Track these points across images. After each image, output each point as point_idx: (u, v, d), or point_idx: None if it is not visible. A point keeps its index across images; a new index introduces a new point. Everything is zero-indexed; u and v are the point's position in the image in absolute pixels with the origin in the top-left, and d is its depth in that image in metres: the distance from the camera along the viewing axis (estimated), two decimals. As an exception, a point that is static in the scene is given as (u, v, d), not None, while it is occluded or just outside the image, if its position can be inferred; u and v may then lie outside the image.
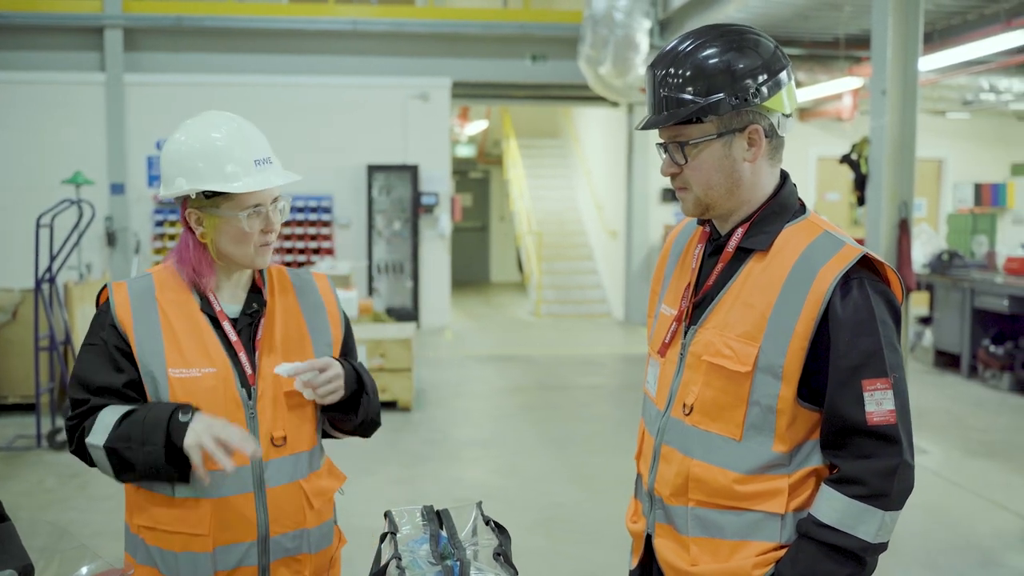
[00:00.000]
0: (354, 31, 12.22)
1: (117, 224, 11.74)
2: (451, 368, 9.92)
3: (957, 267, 9.72)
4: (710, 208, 1.83)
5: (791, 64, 1.81)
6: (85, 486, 5.84)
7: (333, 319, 2.15)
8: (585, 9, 10.63)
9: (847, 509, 1.70)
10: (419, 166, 12.44)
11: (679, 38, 1.81)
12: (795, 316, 1.72)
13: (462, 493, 5.71)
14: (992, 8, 8.98)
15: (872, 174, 6.62)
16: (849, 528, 1.70)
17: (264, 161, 1.98)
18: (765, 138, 1.78)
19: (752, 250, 1.81)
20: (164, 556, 1.96)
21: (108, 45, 11.70)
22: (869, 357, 1.70)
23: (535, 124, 18.98)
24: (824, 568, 1.72)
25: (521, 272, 17.70)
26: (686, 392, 1.84)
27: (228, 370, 1.97)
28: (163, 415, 1.87)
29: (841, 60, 10.47)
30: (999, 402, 8.34)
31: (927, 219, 13.57)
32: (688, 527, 1.84)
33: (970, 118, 13.76)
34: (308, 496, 2.04)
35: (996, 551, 4.86)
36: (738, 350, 1.76)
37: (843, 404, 1.70)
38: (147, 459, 1.86)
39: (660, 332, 1.95)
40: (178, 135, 2.01)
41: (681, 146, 1.78)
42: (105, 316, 2.00)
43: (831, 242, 1.76)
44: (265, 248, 2.01)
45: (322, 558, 2.08)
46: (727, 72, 1.73)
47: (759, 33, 1.80)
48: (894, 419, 1.70)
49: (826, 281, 1.70)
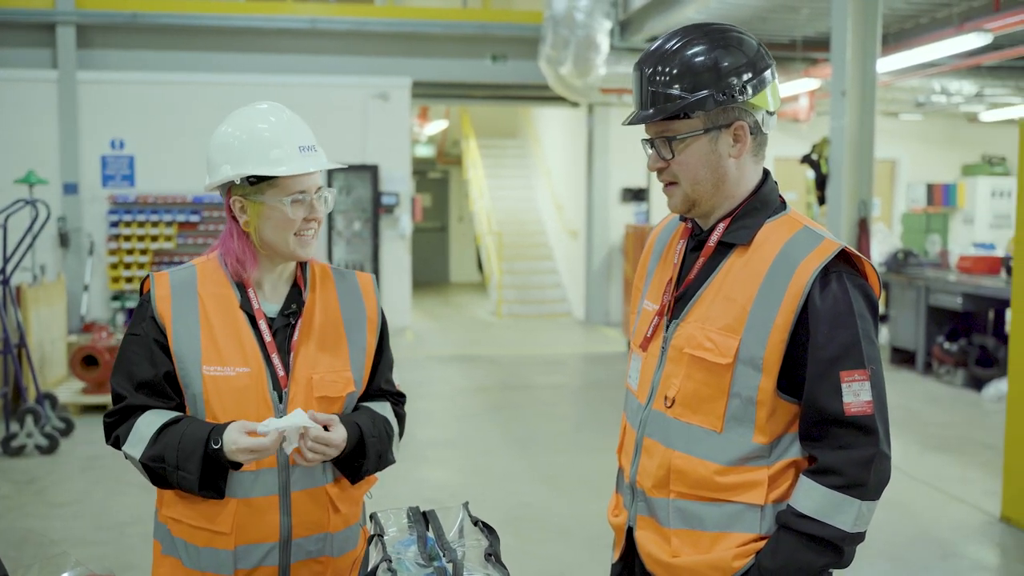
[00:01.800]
0: (313, 29, 12.12)
1: (70, 225, 11.52)
2: (413, 369, 9.88)
3: (912, 266, 9.90)
4: (696, 204, 1.86)
5: (775, 63, 1.85)
6: (42, 492, 5.74)
7: (371, 325, 2.12)
8: (546, 10, 10.64)
9: (825, 499, 1.73)
10: (379, 166, 12.37)
11: (665, 37, 1.85)
12: (775, 309, 1.75)
13: (429, 494, 5.69)
14: (944, 12, 9.16)
15: (832, 174, 6.72)
16: (827, 518, 1.73)
17: (309, 148, 2.00)
18: (750, 135, 1.82)
19: (733, 244, 1.84)
20: (188, 548, 1.97)
21: (61, 42, 11.47)
22: (847, 349, 1.73)
23: (494, 124, 18.97)
24: (803, 558, 1.75)
25: (481, 272, 17.69)
26: (667, 385, 1.86)
27: (261, 371, 1.96)
28: (198, 443, 1.87)
29: (798, 62, 10.61)
30: (953, 398, 8.50)
31: (882, 218, 13.78)
32: (669, 519, 1.86)
33: (922, 120, 14.01)
34: (333, 500, 2.03)
35: (955, 543, 4.96)
36: (719, 342, 1.79)
37: (821, 395, 1.73)
38: (182, 484, 1.89)
39: (642, 327, 1.97)
40: (224, 126, 2.01)
41: (668, 141, 1.81)
42: (146, 308, 2.00)
43: (811, 237, 1.80)
44: (307, 238, 2.00)
45: (345, 561, 2.07)
46: (714, 69, 1.77)
47: (743, 32, 1.84)
48: (871, 410, 1.73)
49: (806, 274, 1.73)
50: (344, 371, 2.04)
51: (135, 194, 11.74)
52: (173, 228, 11.69)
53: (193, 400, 1.95)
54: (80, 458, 6.41)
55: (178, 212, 11.71)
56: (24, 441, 6.50)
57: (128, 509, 5.32)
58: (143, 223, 11.65)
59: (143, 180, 11.80)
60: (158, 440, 1.89)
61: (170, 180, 11.70)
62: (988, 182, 13.52)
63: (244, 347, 1.96)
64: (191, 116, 11.64)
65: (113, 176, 11.76)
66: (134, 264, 11.56)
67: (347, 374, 2.04)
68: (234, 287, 2.01)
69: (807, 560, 1.74)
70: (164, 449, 1.88)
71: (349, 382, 2.04)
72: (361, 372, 2.08)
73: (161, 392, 1.96)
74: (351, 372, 2.05)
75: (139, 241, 11.64)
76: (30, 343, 7.49)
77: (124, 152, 11.78)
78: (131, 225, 11.64)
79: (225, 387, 1.93)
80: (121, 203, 11.71)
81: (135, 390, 1.95)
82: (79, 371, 7.68)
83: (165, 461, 1.88)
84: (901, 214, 12.37)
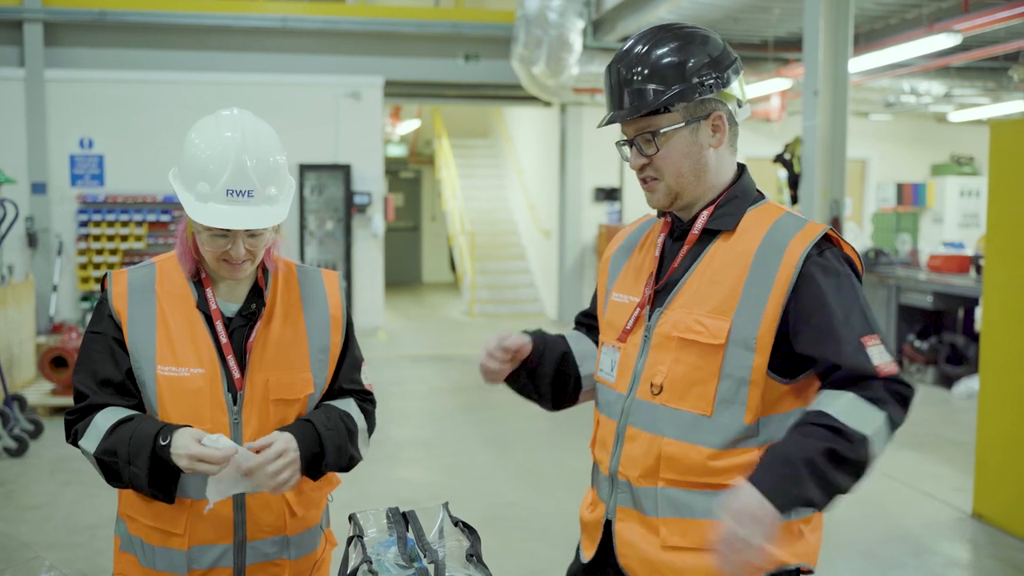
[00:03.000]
0: (284, 28, 12.05)
1: (39, 225, 11.37)
2: (387, 369, 9.84)
3: (883, 264, 9.98)
4: (679, 196, 1.88)
5: (740, 60, 1.91)
6: (11, 495, 5.65)
7: (335, 324, 2.08)
8: (518, 9, 10.64)
9: (851, 403, 1.69)
10: (351, 166, 12.31)
11: (635, 38, 1.89)
12: (768, 287, 1.77)
13: (406, 494, 5.66)
14: (914, 13, 9.25)
15: (805, 173, 6.76)
16: (850, 421, 1.67)
17: (241, 194, 1.83)
18: (727, 125, 1.87)
19: (717, 232, 1.87)
20: (144, 547, 1.95)
21: (28, 39, 11.32)
22: (857, 316, 1.76)
23: (467, 124, 18.94)
24: (807, 454, 1.65)
25: (454, 272, 17.66)
26: (653, 372, 1.86)
27: (216, 372, 1.93)
28: (147, 439, 1.83)
29: (770, 62, 10.67)
30: (924, 395, 8.57)
31: (852, 218, 13.89)
32: (657, 508, 1.84)
33: (892, 120, 14.13)
34: (291, 503, 2.00)
35: (928, 539, 5.00)
36: (710, 325, 1.80)
37: (849, 357, 1.72)
38: (132, 479, 1.86)
39: (619, 319, 1.97)
40: (192, 130, 1.92)
41: (652, 136, 1.83)
42: (104, 306, 1.97)
43: (795, 220, 1.85)
44: (231, 267, 1.92)
45: (304, 563, 2.05)
46: (689, 64, 1.82)
47: (707, 31, 1.90)
48: (897, 368, 1.75)
49: (797, 252, 1.77)
50: (303, 372, 2.00)
51: (104, 194, 11.61)
52: (143, 228, 11.58)
53: (148, 400, 1.93)
54: (50, 460, 6.32)
55: (148, 212, 11.60)
56: (-8, 444, 6.41)
57: (99, 512, 5.25)
58: (112, 223, 11.52)
59: (112, 179, 11.67)
60: (112, 434, 1.86)
61: (140, 179, 11.58)
62: (957, 182, 13.67)
63: (199, 347, 1.93)
64: (161, 115, 11.53)
65: (82, 175, 11.62)
66: (104, 264, 11.43)
67: (306, 375, 2.00)
68: (192, 286, 1.97)
69: (808, 457, 1.64)
70: (117, 443, 1.85)
71: (308, 383, 2.00)
72: (323, 373, 2.04)
73: (124, 390, 1.93)
74: (310, 373, 2.01)
75: (109, 241, 11.51)
76: (-3, 345, 7.39)
77: (93, 151, 11.65)
78: (100, 225, 11.51)
79: (179, 388, 1.90)
80: (90, 203, 11.58)
81: (98, 388, 1.92)
82: (48, 372, 7.58)
83: (117, 455, 1.85)
84: (871, 213, 12.47)
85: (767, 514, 1.61)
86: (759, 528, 1.60)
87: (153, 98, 11.64)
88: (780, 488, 1.63)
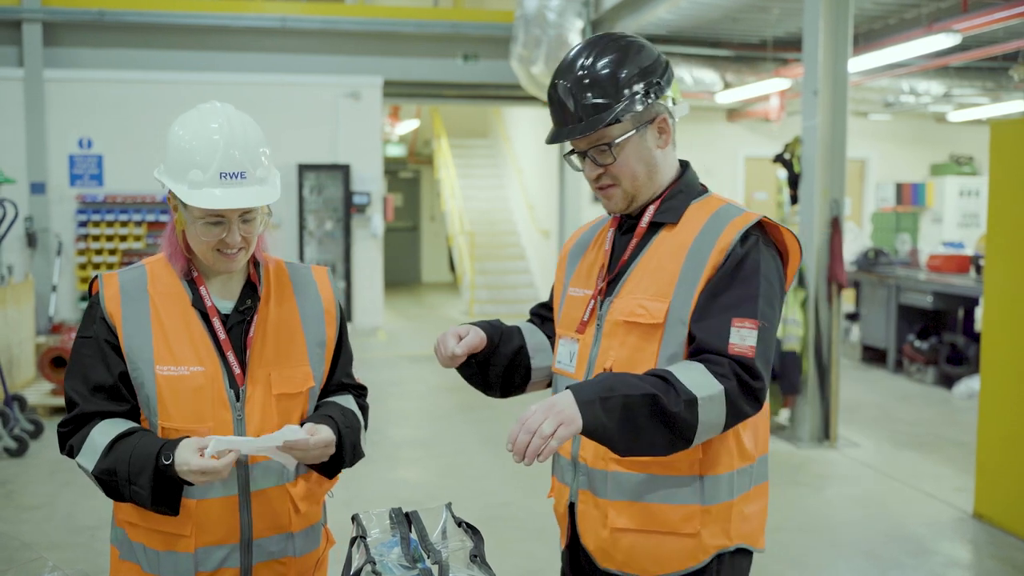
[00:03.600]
0: (283, 28, 12.04)
1: (38, 225, 11.36)
2: (386, 368, 9.84)
3: (882, 264, 9.98)
4: (635, 199, 1.98)
5: (674, 64, 1.99)
6: (12, 495, 5.65)
7: (329, 318, 2.09)
8: (517, 9, 10.63)
9: (699, 373, 1.77)
10: (351, 166, 12.31)
11: (575, 53, 1.96)
12: (701, 269, 1.86)
13: (402, 494, 5.66)
14: (913, 13, 9.25)
15: (804, 173, 6.75)
16: (687, 382, 1.75)
17: (234, 176, 1.86)
18: (671, 124, 1.96)
19: (662, 224, 1.96)
20: (147, 553, 1.92)
21: (27, 39, 11.31)
22: (743, 301, 1.83)
23: (466, 124, 18.93)
24: (630, 385, 1.73)
25: (453, 272, 17.65)
26: (605, 358, 1.94)
27: (216, 369, 1.91)
28: (148, 459, 1.81)
29: (769, 62, 10.66)
30: (924, 395, 8.58)
31: (852, 217, 13.90)
32: (608, 490, 1.92)
33: (891, 119, 14.14)
34: (294, 500, 2.00)
35: (928, 539, 5.00)
36: (650, 307, 1.88)
37: (708, 334, 1.82)
38: (135, 498, 1.83)
39: (575, 312, 2.05)
40: (176, 123, 1.94)
41: (608, 147, 1.91)
42: (95, 309, 1.94)
43: (733, 209, 1.95)
44: (227, 257, 1.92)
45: (307, 561, 2.04)
46: (633, 73, 1.90)
47: (639, 38, 1.98)
48: (752, 354, 1.80)
49: (731, 235, 1.86)
50: (302, 366, 2.00)
51: (104, 193, 11.60)
52: (142, 228, 11.57)
53: (146, 401, 1.90)
54: (50, 460, 6.31)
55: (147, 211, 11.59)
56: (-9, 444, 6.40)
57: (99, 512, 5.24)
58: (112, 223, 11.52)
59: (112, 179, 11.66)
60: (111, 452, 1.84)
61: (139, 179, 11.57)
62: (956, 182, 13.67)
63: (197, 345, 1.92)
64: (160, 115, 11.50)
65: (81, 175, 11.61)
66: (103, 264, 11.43)
67: (305, 369, 2.01)
68: (185, 285, 1.96)
69: (627, 385, 1.72)
70: (116, 463, 1.82)
71: (308, 377, 2.01)
72: (320, 366, 2.05)
73: (117, 395, 1.91)
74: (309, 367, 2.02)
75: (108, 241, 11.51)
76: (-3, 345, 7.38)
77: (92, 151, 11.64)
78: (100, 225, 11.51)
79: (179, 387, 1.88)
80: (89, 203, 11.57)
81: (90, 394, 1.90)
82: (48, 372, 7.57)
83: (117, 475, 1.82)
84: (871, 213, 12.47)
85: (570, 419, 1.68)
86: (557, 424, 1.67)
87: (152, 98, 11.63)
88: (592, 407, 1.70)
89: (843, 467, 6.35)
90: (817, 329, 6.75)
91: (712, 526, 1.90)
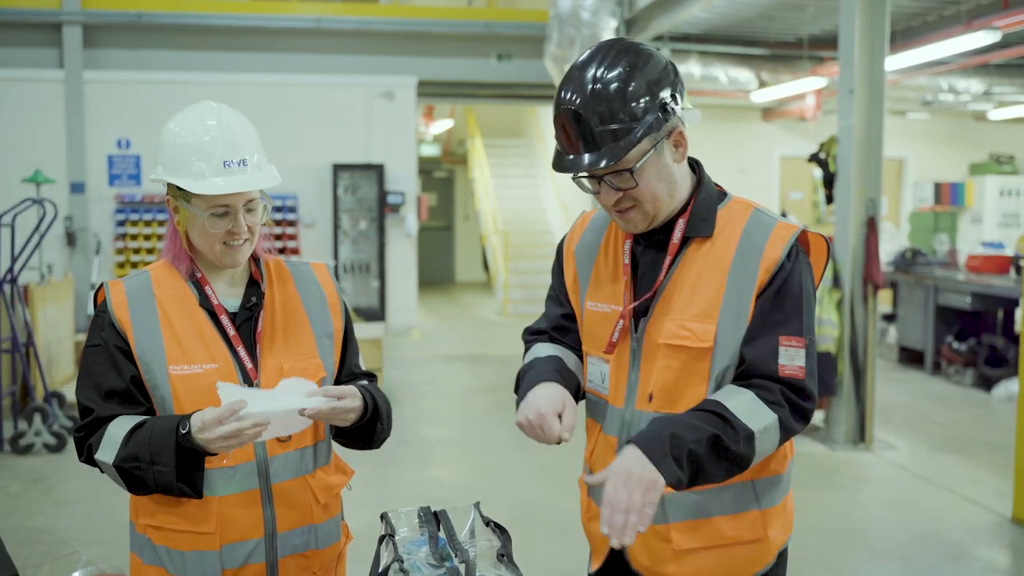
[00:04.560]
0: (318, 29, 12.12)
1: (77, 224, 11.53)
2: (420, 368, 9.87)
3: (920, 265, 9.85)
4: (656, 217, 1.86)
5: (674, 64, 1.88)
6: (50, 491, 5.73)
7: (334, 309, 2.11)
8: (551, 8, 10.62)
9: (751, 401, 1.76)
10: (385, 165, 12.36)
11: (581, 68, 1.77)
12: (751, 285, 1.81)
13: (435, 493, 5.68)
14: (952, 10, 9.13)
15: (840, 172, 6.69)
16: (744, 416, 1.74)
17: (237, 163, 1.91)
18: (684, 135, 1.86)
19: (690, 237, 1.87)
20: (171, 555, 1.93)
21: (67, 42, 11.49)
22: (789, 317, 1.80)
23: (500, 123, 18.95)
24: (690, 427, 1.72)
25: (487, 272, 17.68)
26: (647, 383, 1.88)
27: (230, 365, 1.94)
28: (169, 433, 1.81)
29: (805, 60, 10.58)
30: (962, 397, 8.46)
31: (889, 218, 13.75)
32: (666, 514, 1.88)
33: (929, 118, 13.96)
34: (315, 492, 2.01)
35: (966, 544, 4.93)
36: (696, 329, 1.82)
37: (756, 354, 1.79)
38: (158, 479, 1.83)
39: (600, 330, 1.96)
40: (170, 122, 1.98)
41: (629, 172, 1.77)
42: (103, 316, 1.95)
43: (764, 216, 1.88)
44: (235, 248, 1.96)
45: (330, 553, 2.06)
46: (648, 89, 1.75)
47: (643, 44, 1.83)
48: (803, 375, 1.79)
49: (777, 251, 1.81)
50: (312, 358, 2.02)
51: (141, 193, 11.75)
52: (179, 227, 11.69)
53: (162, 402, 1.91)
54: (87, 457, 6.40)
55: (184, 211, 11.70)
56: (32, 440, 6.50)
57: (135, 508, 5.31)
58: (149, 222, 11.66)
59: (149, 179, 11.78)
60: (130, 441, 1.85)
61: (176, 179, 11.68)
62: (996, 181, 13.48)
63: (208, 343, 1.94)
64: (197, 115, 11.63)
65: (119, 175, 11.76)
66: (140, 263, 11.57)
67: (315, 360, 2.03)
68: (191, 286, 1.99)
69: (689, 429, 1.71)
70: (137, 447, 1.83)
71: (319, 368, 2.02)
72: (330, 357, 2.07)
73: (130, 399, 1.92)
74: (319, 358, 2.04)
75: (145, 240, 11.65)
76: (38, 342, 7.49)
77: (130, 151, 11.79)
78: (137, 224, 11.65)
79: (194, 385, 1.90)
80: (127, 202, 11.72)
81: (103, 400, 1.91)
82: (86, 370, 7.67)
83: (139, 459, 1.83)
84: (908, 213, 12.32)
85: (652, 483, 1.64)
86: (644, 493, 1.63)
87: (189, 98, 11.42)
88: (666, 462, 1.67)
89: (878, 469, 6.28)
90: (852, 330, 6.68)
91: (774, 527, 1.90)
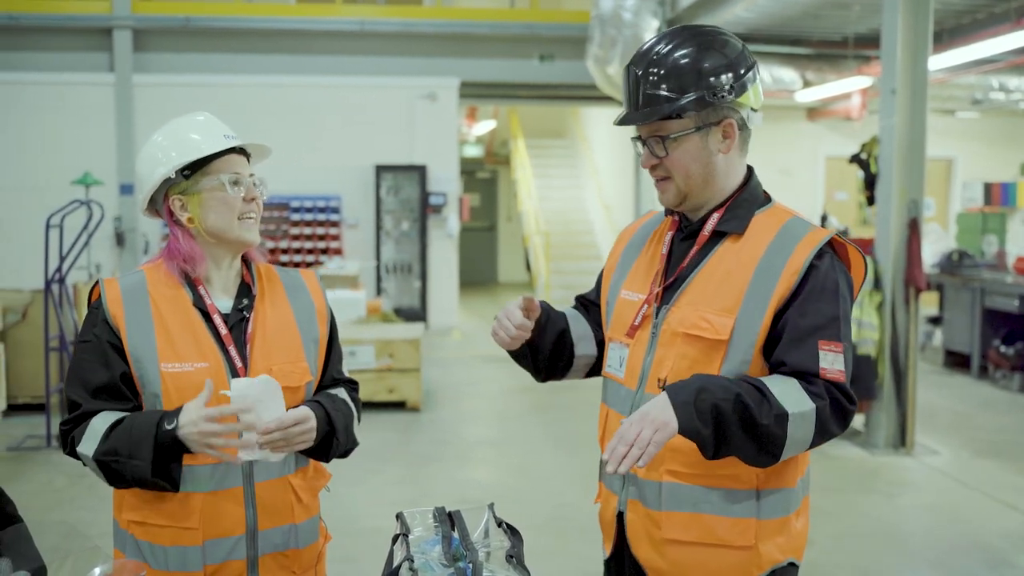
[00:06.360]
0: (361, 31, 12.23)
1: (126, 225, 11.77)
2: (460, 368, 9.92)
3: (967, 267, 9.68)
4: (688, 197, 1.94)
5: (758, 63, 1.95)
6: (94, 486, 5.85)
7: (321, 317, 2.16)
8: (593, 9, 10.61)
9: (793, 388, 1.79)
10: (427, 166, 12.44)
11: (656, 39, 1.94)
12: (772, 287, 1.84)
13: (472, 493, 5.70)
14: (1002, 7, 8.96)
15: (882, 173, 6.60)
16: (782, 397, 1.77)
17: (233, 137, 2.07)
18: (738, 131, 1.91)
19: (725, 233, 1.93)
20: (153, 550, 1.97)
21: (117, 46, 11.73)
22: (829, 322, 1.82)
23: (543, 124, 18.96)
24: (723, 392, 1.76)
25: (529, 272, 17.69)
26: (660, 368, 1.92)
27: (219, 364, 1.98)
28: (149, 428, 1.87)
29: (850, 59, 10.45)
30: (1009, 402, 8.30)
31: (936, 219, 13.51)
32: (661, 501, 1.90)
33: (980, 117, 13.70)
34: (296, 491, 2.06)
35: (1006, 552, 4.84)
36: (715, 321, 1.86)
37: (797, 357, 1.81)
38: (135, 472, 1.88)
39: (627, 316, 2.02)
40: (153, 136, 2.09)
41: (662, 140, 1.89)
42: (97, 312, 2.01)
43: (802, 224, 1.92)
44: (250, 222, 2.04)
45: (310, 553, 2.10)
46: (703, 70, 1.86)
47: (728, 34, 1.94)
48: (843, 379, 1.81)
49: (803, 255, 1.84)
50: (300, 361, 2.07)
51: (188, 195, 11.93)
52: (224, 228, 11.87)
53: (153, 400, 1.95)
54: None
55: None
56: (78, 436, 6.65)
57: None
58: (195, 223, 11.84)
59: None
60: (111, 435, 1.89)
61: (222, 181, 11.87)
62: (1049, 181, 13.17)
63: (200, 342, 1.98)
64: (243, 118, 11.77)
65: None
66: (187, 263, 11.75)
67: (303, 364, 2.08)
68: (185, 286, 2.03)
69: (721, 388, 1.75)
70: (116, 441, 1.88)
71: (306, 372, 2.08)
72: (315, 362, 2.12)
73: (118, 395, 1.96)
74: (306, 362, 2.09)
75: (192, 241, 11.84)
76: (85, 341, 7.65)
77: (178, 153, 11.97)
78: (184, 225, 11.84)
79: (184, 382, 1.94)
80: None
81: (91, 396, 1.95)
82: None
83: (118, 453, 1.87)
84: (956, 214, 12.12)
85: (665, 423, 1.72)
86: (653, 431, 1.71)
87: (235, 101, 11.93)
88: (687, 408, 1.73)
89: (919, 474, 6.19)
90: (894, 333, 6.59)
91: (769, 541, 1.89)
